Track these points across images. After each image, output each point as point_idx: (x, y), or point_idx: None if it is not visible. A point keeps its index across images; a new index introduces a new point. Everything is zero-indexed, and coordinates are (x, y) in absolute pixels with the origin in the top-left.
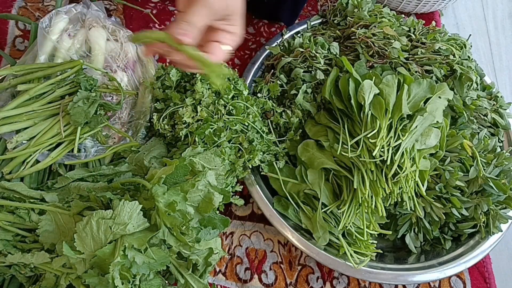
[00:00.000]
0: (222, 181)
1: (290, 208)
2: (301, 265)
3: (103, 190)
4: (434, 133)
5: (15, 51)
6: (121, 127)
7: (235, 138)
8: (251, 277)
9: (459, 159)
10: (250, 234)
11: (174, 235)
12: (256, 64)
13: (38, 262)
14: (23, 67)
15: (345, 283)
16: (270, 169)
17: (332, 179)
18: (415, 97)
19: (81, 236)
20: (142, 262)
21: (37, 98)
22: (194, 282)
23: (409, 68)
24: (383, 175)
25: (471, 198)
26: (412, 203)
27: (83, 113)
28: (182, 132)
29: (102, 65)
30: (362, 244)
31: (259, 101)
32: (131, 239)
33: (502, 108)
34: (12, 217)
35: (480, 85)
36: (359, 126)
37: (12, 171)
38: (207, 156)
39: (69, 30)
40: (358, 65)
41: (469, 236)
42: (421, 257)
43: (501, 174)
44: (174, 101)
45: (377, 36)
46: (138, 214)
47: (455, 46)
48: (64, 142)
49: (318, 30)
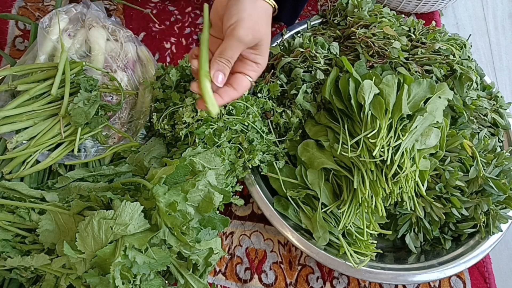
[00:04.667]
0: (222, 181)
1: (290, 208)
2: (301, 265)
3: (104, 190)
4: (434, 133)
5: (15, 51)
6: (121, 127)
7: (235, 138)
8: (251, 277)
9: (459, 159)
10: (250, 234)
11: (174, 235)
12: None
13: (38, 265)
14: (23, 67)
15: (345, 283)
16: (270, 169)
17: (332, 179)
18: (415, 97)
19: (82, 236)
20: (143, 262)
21: (37, 98)
22: (194, 282)
23: (409, 68)
24: (383, 175)
25: (471, 198)
26: (412, 203)
27: (84, 114)
28: (182, 132)
29: (102, 65)
30: (362, 244)
31: (259, 101)
32: (131, 239)
33: (502, 108)
34: (12, 216)
35: (480, 85)
36: (359, 126)
37: (12, 171)
38: (207, 156)
39: (69, 30)
40: (358, 65)
41: (469, 236)
42: (421, 257)
43: (501, 174)
44: (174, 101)
45: (377, 36)
46: (139, 215)
47: (455, 46)
48: (64, 142)
49: (318, 30)
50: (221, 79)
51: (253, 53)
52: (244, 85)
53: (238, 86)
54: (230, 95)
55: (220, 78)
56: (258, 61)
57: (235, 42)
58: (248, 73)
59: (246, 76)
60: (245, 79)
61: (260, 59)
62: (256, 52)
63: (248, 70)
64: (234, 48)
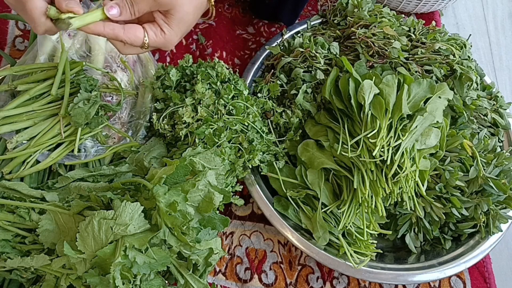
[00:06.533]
0: (222, 181)
1: (290, 208)
2: (301, 265)
3: (104, 190)
4: (434, 133)
5: (15, 51)
6: (121, 127)
7: (235, 138)
8: (251, 277)
9: (459, 159)
10: (250, 234)
11: (175, 235)
12: (256, 64)
13: (38, 265)
14: (23, 67)
15: (345, 283)
16: (270, 169)
17: (332, 179)
18: (415, 97)
19: (83, 236)
20: (143, 262)
21: (37, 98)
22: (194, 282)
23: (409, 68)
24: (383, 175)
25: (471, 198)
26: (412, 203)
27: (84, 114)
28: (182, 132)
29: (102, 65)
30: (362, 244)
31: (259, 101)
32: (132, 239)
33: (502, 108)
34: (12, 216)
35: (480, 85)
36: (359, 126)
37: (12, 171)
38: (207, 156)
39: (69, 30)
40: (358, 65)
41: (469, 236)
42: (421, 257)
43: (501, 174)
44: (174, 101)
45: (377, 36)
46: (139, 215)
47: (455, 46)
48: (64, 142)
49: (318, 30)
50: (115, 12)
51: (162, 18)
52: (136, 34)
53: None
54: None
55: (114, 11)
56: (163, 29)
57: None
58: (147, 31)
59: (144, 30)
60: (141, 31)
61: (166, 28)
62: (165, 19)
63: (150, 28)
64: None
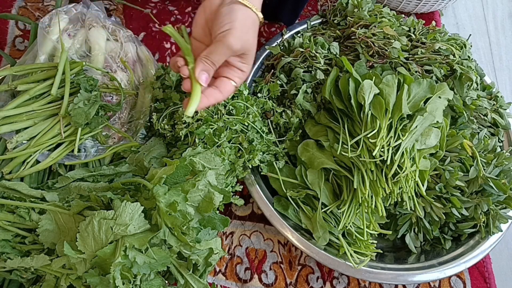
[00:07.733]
0: (222, 181)
1: (290, 208)
2: (301, 265)
3: (104, 190)
4: (434, 133)
5: (15, 51)
6: (121, 127)
7: (235, 138)
8: (251, 277)
9: (459, 159)
10: (250, 234)
11: (175, 235)
12: (256, 64)
13: (38, 265)
14: (23, 67)
15: (345, 283)
16: (270, 169)
17: (332, 179)
18: (415, 97)
19: (83, 236)
20: (143, 262)
21: (37, 98)
22: (194, 282)
23: (409, 68)
24: (383, 175)
25: (471, 198)
26: (412, 203)
27: (84, 114)
28: (182, 132)
29: (102, 65)
30: (362, 244)
31: (259, 101)
32: (132, 239)
33: (502, 108)
34: (12, 216)
35: (480, 85)
36: (359, 126)
37: (12, 171)
38: (207, 156)
39: (69, 30)
40: (358, 65)
41: (469, 236)
42: (421, 257)
43: (501, 174)
44: (174, 101)
45: (377, 36)
46: (139, 215)
47: (455, 46)
48: (64, 142)
49: (318, 30)
50: (205, 78)
51: (239, 61)
52: (228, 89)
53: (224, 89)
54: (215, 97)
55: (204, 78)
56: (243, 69)
57: (224, 48)
58: (233, 78)
59: (231, 80)
60: (230, 83)
61: (245, 67)
62: (243, 60)
63: (234, 75)
64: (222, 53)
